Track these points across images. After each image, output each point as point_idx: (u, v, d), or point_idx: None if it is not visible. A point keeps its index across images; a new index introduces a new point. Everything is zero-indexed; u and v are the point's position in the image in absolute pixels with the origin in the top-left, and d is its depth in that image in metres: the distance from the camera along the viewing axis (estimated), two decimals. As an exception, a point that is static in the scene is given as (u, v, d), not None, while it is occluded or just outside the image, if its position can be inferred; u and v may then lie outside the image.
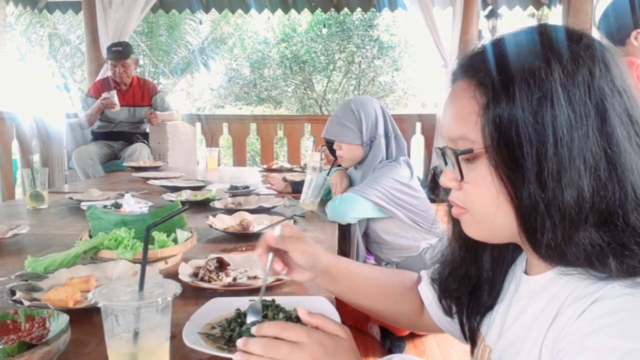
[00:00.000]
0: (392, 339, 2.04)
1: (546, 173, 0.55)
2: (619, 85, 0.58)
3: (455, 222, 0.71)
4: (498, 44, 0.61)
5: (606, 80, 0.57)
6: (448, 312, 0.81)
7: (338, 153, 2.09)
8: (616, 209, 0.55)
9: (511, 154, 0.57)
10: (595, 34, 2.30)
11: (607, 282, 0.54)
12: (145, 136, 4.13)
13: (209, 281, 1.07)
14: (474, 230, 0.67)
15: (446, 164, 0.66)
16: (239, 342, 0.59)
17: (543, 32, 0.60)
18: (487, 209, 0.62)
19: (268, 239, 0.81)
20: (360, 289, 0.89)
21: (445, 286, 0.80)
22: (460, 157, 0.62)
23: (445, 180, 0.66)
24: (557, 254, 0.57)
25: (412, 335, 2.09)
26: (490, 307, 0.73)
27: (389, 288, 0.91)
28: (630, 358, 0.48)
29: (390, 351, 1.99)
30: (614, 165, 0.55)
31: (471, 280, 0.75)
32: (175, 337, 0.78)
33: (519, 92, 0.56)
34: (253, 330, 0.61)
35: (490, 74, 0.59)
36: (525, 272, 0.68)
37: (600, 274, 0.54)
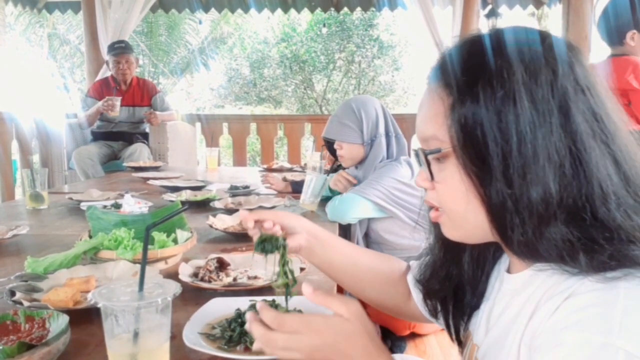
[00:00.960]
0: (392, 338, 2.03)
1: (512, 171, 0.56)
2: (583, 84, 0.59)
3: (436, 224, 0.72)
4: (464, 46, 0.63)
5: (569, 79, 0.58)
6: (433, 314, 0.82)
7: (338, 153, 2.08)
8: (584, 204, 0.56)
9: (477, 152, 0.58)
10: (595, 33, 2.30)
11: (579, 279, 0.55)
12: (145, 136, 4.12)
13: (209, 281, 1.07)
14: (451, 232, 0.68)
15: (420, 164, 0.68)
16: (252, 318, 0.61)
17: (507, 33, 0.61)
18: (459, 208, 0.63)
19: (246, 218, 0.84)
20: (348, 263, 0.90)
21: (428, 287, 0.81)
22: (429, 157, 0.64)
23: (419, 181, 0.68)
24: (529, 250, 0.59)
25: (413, 335, 2.09)
26: (475, 306, 0.74)
27: (376, 270, 0.92)
28: (602, 352, 0.48)
29: (391, 351, 1.99)
30: (579, 161, 0.56)
31: (452, 281, 0.76)
32: (175, 337, 0.78)
33: (482, 92, 0.58)
34: (258, 306, 0.61)
35: (455, 75, 0.61)
36: (508, 271, 0.69)
37: (573, 269, 0.55)
